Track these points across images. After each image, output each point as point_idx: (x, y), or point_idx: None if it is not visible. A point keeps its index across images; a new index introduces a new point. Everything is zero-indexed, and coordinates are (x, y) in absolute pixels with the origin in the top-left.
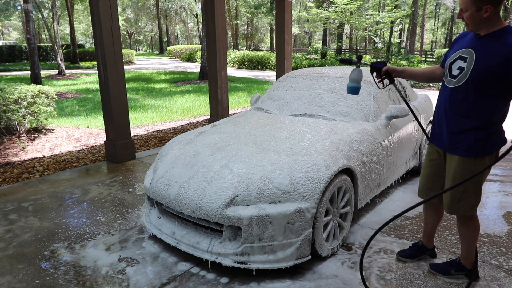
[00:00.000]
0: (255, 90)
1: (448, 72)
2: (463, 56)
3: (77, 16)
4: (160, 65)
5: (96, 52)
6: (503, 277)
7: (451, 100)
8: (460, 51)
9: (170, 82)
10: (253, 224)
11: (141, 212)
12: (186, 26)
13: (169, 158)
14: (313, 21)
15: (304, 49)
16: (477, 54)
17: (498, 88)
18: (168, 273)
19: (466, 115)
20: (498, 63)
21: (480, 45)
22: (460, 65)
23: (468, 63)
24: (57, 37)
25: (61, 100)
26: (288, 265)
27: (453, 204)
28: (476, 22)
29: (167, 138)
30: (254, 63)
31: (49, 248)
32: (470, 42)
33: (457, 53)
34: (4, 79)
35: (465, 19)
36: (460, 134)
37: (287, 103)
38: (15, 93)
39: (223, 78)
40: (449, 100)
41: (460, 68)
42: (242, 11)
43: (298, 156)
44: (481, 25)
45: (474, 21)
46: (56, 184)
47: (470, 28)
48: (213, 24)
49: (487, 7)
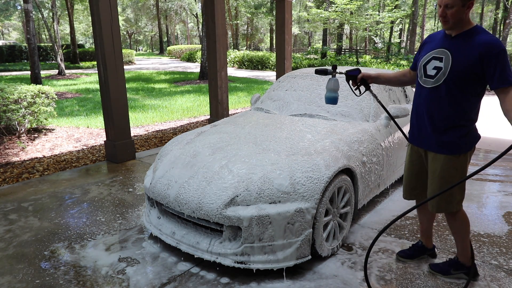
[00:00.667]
0: (255, 90)
1: (423, 73)
2: (438, 56)
3: (77, 16)
4: (160, 65)
5: (96, 52)
6: (503, 277)
7: (432, 100)
8: (433, 52)
9: (170, 82)
10: (253, 224)
11: (141, 212)
12: (186, 26)
13: (169, 158)
14: (313, 21)
15: (304, 49)
16: (452, 53)
17: (474, 85)
18: (168, 273)
19: (448, 113)
20: (473, 61)
21: (454, 45)
22: (436, 65)
23: (445, 62)
24: (57, 37)
25: (61, 100)
26: (288, 265)
27: (441, 203)
28: (459, 19)
29: (167, 138)
30: (254, 63)
31: (49, 248)
32: (443, 43)
33: (430, 54)
34: (4, 79)
35: (449, 16)
36: (444, 133)
37: (287, 103)
38: (15, 93)
39: (223, 78)
40: (429, 99)
41: (437, 68)
42: (242, 11)
43: (298, 156)
44: (460, 23)
45: (458, 18)
46: (56, 184)
47: (449, 26)
48: (213, 24)
49: (470, 2)
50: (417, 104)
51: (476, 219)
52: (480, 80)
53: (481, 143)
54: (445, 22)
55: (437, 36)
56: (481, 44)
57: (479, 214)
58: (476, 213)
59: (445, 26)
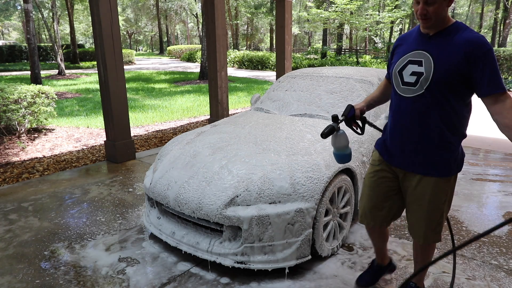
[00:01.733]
0: (255, 90)
1: (400, 80)
2: (415, 60)
3: (77, 16)
4: (160, 65)
5: (96, 52)
6: (503, 277)
7: (416, 112)
8: (408, 55)
9: (170, 82)
10: (253, 224)
11: (141, 212)
12: (186, 26)
13: (169, 158)
14: (313, 21)
15: (304, 49)
16: (433, 55)
17: (462, 92)
18: (168, 273)
19: (438, 128)
20: (458, 62)
21: (434, 46)
22: (414, 70)
23: (425, 66)
24: (57, 37)
25: (61, 100)
26: (288, 265)
27: (429, 234)
28: (441, 16)
29: (167, 138)
30: (254, 63)
31: (49, 248)
32: (420, 44)
33: (405, 58)
34: (4, 79)
35: (431, 13)
36: (434, 152)
37: (287, 103)
38: (15, 93)
39: (223, 78)
40: (413, 112)
41: (416, 73)
42: (242, 11)
43: (298, 156)
44: (441, 20)
45: (440, 15)
46: (56, 184)
47: (430, 25)
48: (213, 24)
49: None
50: (397, 119)
51: (476, 219)
52: (468, 86)
53: (481, 143)
54: (426, 21)
55: (409, 36)
56: (465, 42)
57: (479, 214)
58: (476, 213)
59: (426, 25)
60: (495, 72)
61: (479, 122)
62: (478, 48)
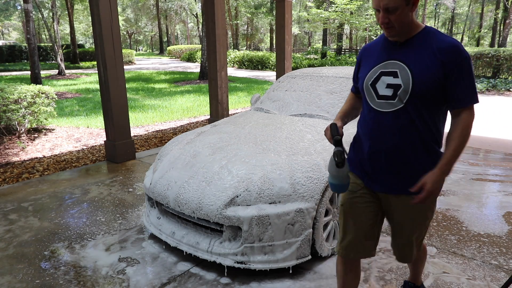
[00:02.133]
0: (255, 90)
1: (374, 94)
2: (389, 71)
3: (77, 16)
4: (160, 65)
5: (96, 52)
6: (503, 277)
7: (401, 129)
8: (379, 66)
9: (170, 82)
10: (253, 224)
11: (141, 212)
12: (186, 26)
13: (169, 158)
14: (313, 21)
15: (304, 49)
16: (409, 65)
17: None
18: (168, 273)
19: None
20: (437, 69)
21: (407, 54)
22: (389, 82)
23: (402, 77)
24: (57, 37)
25: (61, 100)
26: (288, 265)
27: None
28: (405, 23)
29: (167, 138)
30: (254, 63)
31: (49, 248)
32: (391, 53)
33: (375, 70)
34: (4, 79)
35: (393, 21)
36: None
37: (286, 103)
38: (15, 93)
39: (223, 78)
40: (395, 128)
41: (392, 85)
42: (242, 11)
43: (298, 156)
44: (408, 27)
45: (404, 21)
46: (56, 184)
47: (395, 33)
48: (213, 24)
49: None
50: (377, 136)
51: (476, 219)
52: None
53: (481, 143)
54: (390, 30)
55: (376, 46)
56: (442, 49)
57: (479, 214)
58: (476, 213)
59: (391, 34)
60: (472, 84)
61: (479, 122)
62: (456, 56)
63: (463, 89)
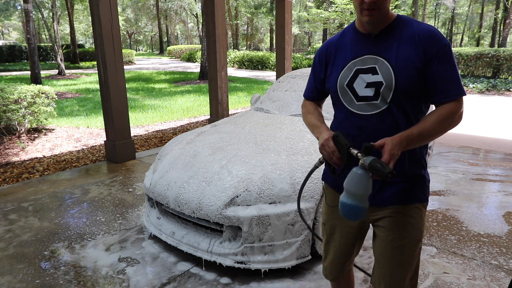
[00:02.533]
0: (255, 90)
1: (353, 96)
2: (366, 68)
3: (77, 16)
4: (160, 65)
5: (96, 52)
6: (503, 277)
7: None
8: (353, 62)
9: (170, 82)
10: (253, 224)
11: (141, 212)
12: (186, 26)
13: (169, 158)
14: (313, 21)
15: (304, 49)
16: (388, 59)
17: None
18: (168, 273)
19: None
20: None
21: (384, 47)
22: (370, 81)
23: (383, 74)
24: (57, 37)
25: (61, 100)
26: (288, 265)
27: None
28: (387, 7)
29: (167, 138)
30: (254, 63)
31: (49, 248)
32: (365, 47)
33: (350, 67)
34: (4, 79)
35: (380, 3)
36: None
37: (286, 103)
38: (15, 93)
39: (223, 78)
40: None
41: (374, 83)
42: (242, 11)
43: (298, 156)
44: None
45: (387, 5)
46: (56, 184)
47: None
48: (213, 24)
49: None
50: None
51: (476, 219)
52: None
53: (481, 143)
54: (373, 12)
55: (343, 40)
56: (421, 36)
57: (479, 214)
58: (476, 213)
59: (372, 20)
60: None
61: (479, 122)
62: (437, 43)
63: (448, 80)
